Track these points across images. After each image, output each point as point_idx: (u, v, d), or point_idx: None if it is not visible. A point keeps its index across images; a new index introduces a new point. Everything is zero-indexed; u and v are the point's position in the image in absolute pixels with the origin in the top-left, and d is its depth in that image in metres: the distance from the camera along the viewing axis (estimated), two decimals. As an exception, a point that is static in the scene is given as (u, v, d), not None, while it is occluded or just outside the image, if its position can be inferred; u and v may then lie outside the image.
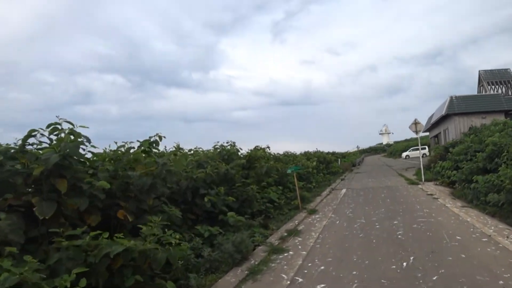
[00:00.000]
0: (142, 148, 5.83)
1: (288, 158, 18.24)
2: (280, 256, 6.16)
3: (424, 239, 6.47)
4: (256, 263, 5.74)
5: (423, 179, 15.69)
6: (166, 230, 4.39)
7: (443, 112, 23.20)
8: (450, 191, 13.97)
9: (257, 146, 12.23)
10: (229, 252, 5.54)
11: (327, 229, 8.05)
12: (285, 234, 7.74)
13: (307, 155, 24.13)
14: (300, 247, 6.72)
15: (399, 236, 6.81)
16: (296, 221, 9.10)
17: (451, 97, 23.12)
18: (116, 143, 5.68)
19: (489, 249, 5.62)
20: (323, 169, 23.73)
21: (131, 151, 5.58)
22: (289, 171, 10.95)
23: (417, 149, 51.84)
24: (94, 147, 4.95)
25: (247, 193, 8.53)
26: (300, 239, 7.35)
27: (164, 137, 6.19)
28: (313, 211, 10.40)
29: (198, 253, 5.58)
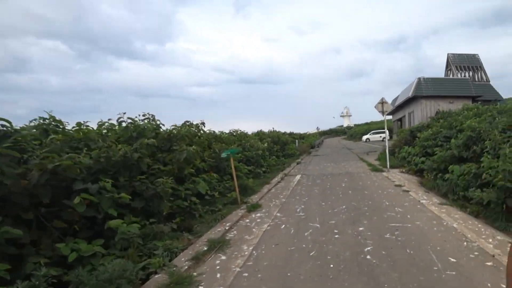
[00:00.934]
0: None
1: (233, 138, 15.83)
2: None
3: (405, 264, 4.39)
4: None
5: (388, 166, 14.10)
6: None
7: (410, 94, 21.92)
8: (419, 181, 12.43)
9: (187, 122, 9.62)
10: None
11: (267, 239, 5.79)
12: (205, 248, 5.37)
13: (259, 135, 21.94)
14: (218, 276, 4.37)
15: (368, 257, 4.69)
16: (228, 224, 6.77)
17: (419, 79, 21.86)
18: None
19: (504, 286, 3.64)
20: (277, 151, 21.69)
21: None
22: (223, 155, 8.52)
23: (378, 133, 52.22)
24: None
25: (156, 187, 5.98)
26: (223, 258, 5.01)
27: None
28: (254, 207, 8.13)
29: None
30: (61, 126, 6.31)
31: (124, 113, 7.29)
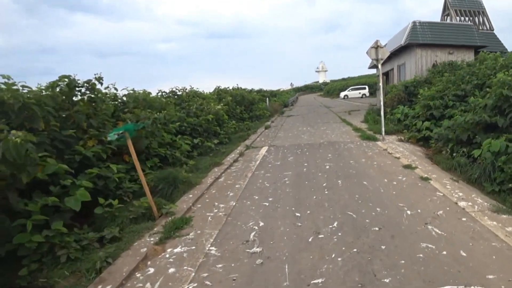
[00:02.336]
0: None
1: (168, 101, 12.09)
2: None
3: None
4: None
5: (383, 132, 10.95)
6: None
7: (402, 42, 18.50)
8: (426, 154, 9.46)
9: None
10: None
11: None
12: None
13: (218, 94, 18.19)
14: None
15: None
16: (124, 273, 3.38)
17: (414, 23, 18.37)
18: None
19: None
20: (241, 112, 18.13)
21: None
22: (111, 136, 4.78)
23: (357, 89, 49.36)
24: None
25: None
26: None
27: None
28: (176, 228, 4.69)
29: None
30: None
31: None
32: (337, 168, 7.48)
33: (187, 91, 15.06)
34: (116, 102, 8.71)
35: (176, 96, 13.33)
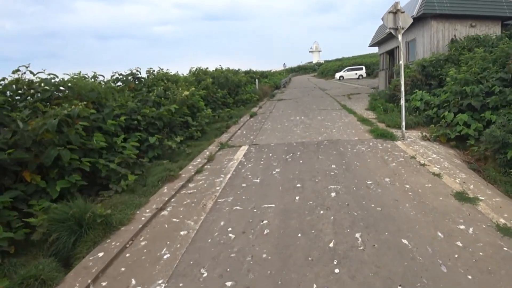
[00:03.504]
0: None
1: (118, 88, 9.08)
2: None
3: None
4: None
5: (403, 127, 8.05)
6: None
7: (414, 13, 15.34)
8: (464, 160, 6.70)
9: None
10: None
11: None
12: None
13: (196, 76, 15.08)
14: None
15: None
16: None
17: (428, -11, 15.21)
18: None
19: None
20: (223, 97, 15.09)
21: None
22: None
23: (353, 69, 46.00)
24: None
25: None
26: None
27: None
28: None
29: None
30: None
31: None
32: (348, 198, 4.61)
33: (154, 73, 11.95)
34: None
35: (136, 81, 10.24)
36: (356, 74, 41.49)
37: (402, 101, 8.13)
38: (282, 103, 17.82)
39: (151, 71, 11.82)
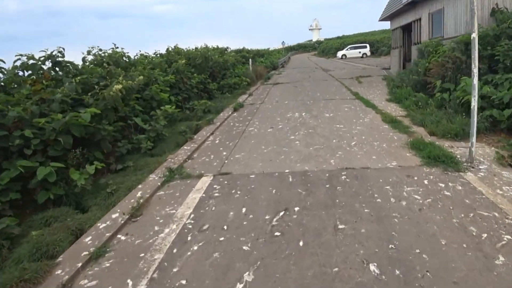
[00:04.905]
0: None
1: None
2: None
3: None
4: None
5: (473, 144, 4.66)
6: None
7: (444, -29, 11.68)
8: None
9: None
10: None
11: None
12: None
13: (167, 58, 11.48)
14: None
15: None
16: None
17: None
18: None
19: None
20: (201, 83, 11.53)
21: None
22: None
23: (357, 48, 41.60)
24: None
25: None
26: None
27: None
28: None
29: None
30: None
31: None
32: None
33: (104, 53, 8.37)
34: None
35: (57, 68, 6.63)
36: (360, 52, 37.41)
37: (474, 100, 4.64)
38: (278, 89, 14.24)
39: (94, 53, 8.26)
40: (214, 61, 13.68)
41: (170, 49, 12.23)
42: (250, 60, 20.03)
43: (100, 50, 8.33)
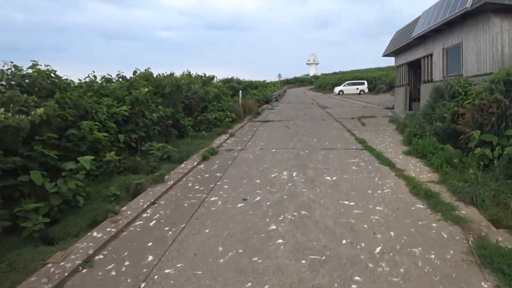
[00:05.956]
0: None
1: None
2: None
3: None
4: None
5: None
6: None
7: (468, 5, 9.56)
8: None
9: None
10: None
11: None
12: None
13: (131, 83, 9.01)
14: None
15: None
16: None
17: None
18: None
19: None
20: (171, 117, 9.01)
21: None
22: None
23: (354, 84, 39.97)
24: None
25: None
26: None
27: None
28: None
29: None
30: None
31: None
32: None
33: (20, 71, 5.95)
34: None
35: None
36: (357, 89, 35.62)
37: None
38: (267, 129, 11.78)
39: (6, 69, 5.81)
40: (194, 91, 11.28)
41: (138, 72, 9.80)
42: (240, 92, 17.77)
43: (15, 67, 5.87)
